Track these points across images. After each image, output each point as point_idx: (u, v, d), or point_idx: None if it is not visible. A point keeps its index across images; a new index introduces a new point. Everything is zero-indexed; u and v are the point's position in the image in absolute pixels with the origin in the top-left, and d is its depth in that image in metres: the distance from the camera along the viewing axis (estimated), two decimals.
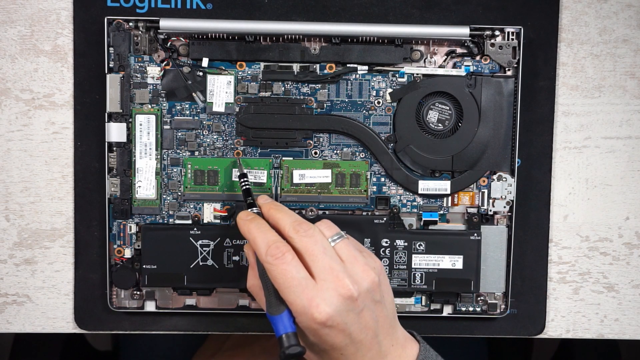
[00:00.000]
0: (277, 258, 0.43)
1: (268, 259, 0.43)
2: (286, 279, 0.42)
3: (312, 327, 0.42)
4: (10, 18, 0.54)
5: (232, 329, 0.56)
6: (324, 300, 0.42)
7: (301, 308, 0.42)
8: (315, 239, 0.44)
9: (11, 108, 0.54)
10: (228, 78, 0.53)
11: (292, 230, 0.44)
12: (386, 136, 0.54)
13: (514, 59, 0.53)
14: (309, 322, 0.42)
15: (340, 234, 0.45)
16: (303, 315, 0.42)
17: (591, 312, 0.57)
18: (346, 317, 0.42)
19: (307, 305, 0.42)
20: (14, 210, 0.55)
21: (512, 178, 0.54)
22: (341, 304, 0.42)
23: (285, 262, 0.43)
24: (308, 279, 0.42)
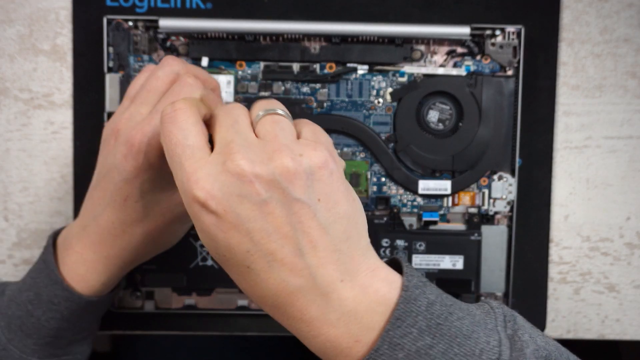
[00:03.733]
0: (165, 118, 0.34)
1: (162, 116, 0.34)
2: (170, 143, 0.33)
3: (194, 213, 0.33)
4: (9, 17, 0.54)
5: (232, 329, 0.56)
6: (206, 175, 0.32)
7: (180, 182, 0.33)
8: (230, 111, 0.35)
9: (10, 108, 0.54)
10: (228, 77, 0.53)
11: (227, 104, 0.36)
12: (386, 136, 0.54)
13: (514, 58, 0.53)
14: (189, 203, 0.33)
15: (275, 109, 0.35)
16: (183, 194, 0.33)
17: (592, 313, 0.57)
18: (236, 203, 0.32)
19: (185, 178, 0.32)
20: (13, 210, 0.55)
21: (513, 178, 0.54)
22: (226, 182, 0.32)
23: (173, 122, 0.34)
24: (199, 149, 0.33)
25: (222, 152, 0.32)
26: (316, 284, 0.32)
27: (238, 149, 0.32)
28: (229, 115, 0.35)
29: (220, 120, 0.34)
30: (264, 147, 0.33)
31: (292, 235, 0.32)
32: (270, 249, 0.32)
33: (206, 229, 0.32)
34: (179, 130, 0.33)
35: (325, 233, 0.32)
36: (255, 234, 0.32)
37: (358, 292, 0.33)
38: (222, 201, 0.31)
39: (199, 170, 0.32)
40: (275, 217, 0.32)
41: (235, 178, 0.31)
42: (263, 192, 0.32)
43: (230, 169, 0.32)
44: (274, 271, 0.32)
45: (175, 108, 0.34)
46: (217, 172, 0.32)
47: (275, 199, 0.32)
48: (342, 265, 0.33)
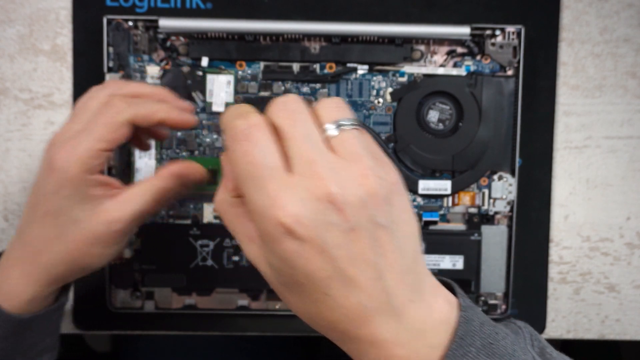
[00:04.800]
0: (239, 135, 0.31)
1: (229, 138, 0.32)
2: (247, 164, 0.31)
3: (275, 238, 0.30)
4: (9, 17, 0.54)
5: (232, 329, 0.56)
6: (293, 199, 0.30)
7: (261, 206, 0.30)
8: (294, 116, 0.32)
9: (10, 108, 0.54)
10: (228, 77, 0.53)
11: (272, 105, 0.33)
12: (386, 136, 0.54)
13: (514, 58, 0.53)
14: (270, 228, 0.30)
15: (348, 121, 0.32)
16: (263, 217, 0.30)
17: (592, 313, 0.57)
18: (324, 230, 0.30)
19: (268, 203, 0.30)
20: (13, 210, 0.55)
21: (513, 178, 0.54)
22: (316, 208, 0.30)
23: (249, 140, 0.31)
24: (280, 169, 0.31)
25: (307, 175, 0.31)
26: (391, 305, 0.31)
27: (325, 172, 0.30)
28: (296, 126, 0.32)
29: (288, 132, 0.32)
30: (350, 170, 0.31)
31: (373, 259, 0.31)
32: (351, 274, 0.31)
33: (287, 255, 0.31)
34: (258, 150, 0.31)
35: (401, 255, 0.32)
36: (339, 261, 0.30)
37: (425, 311, 0.32)
38: (310, 228, 0.30)
39: (283, 194, 0.30)
40: (360, 243, 0.31)
41: (325, 205, 0.30)
42: (352, 219, 0.30)
43: (320, 196, 0.30)
44: (352, 296, 0.31)
45: (250, 124, 0.31)
46: (305, 198, 0.30)
47: (363, 226, 0.31)
48: (412, 284, 0.32)
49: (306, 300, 0.32)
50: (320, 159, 0.31)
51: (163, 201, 0.41)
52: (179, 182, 0.41)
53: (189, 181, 0.42)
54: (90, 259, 0.40)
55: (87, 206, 0.38)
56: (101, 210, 0.38)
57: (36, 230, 0.40)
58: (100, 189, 0.38)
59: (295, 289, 0.32)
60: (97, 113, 0.40)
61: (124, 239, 0.41)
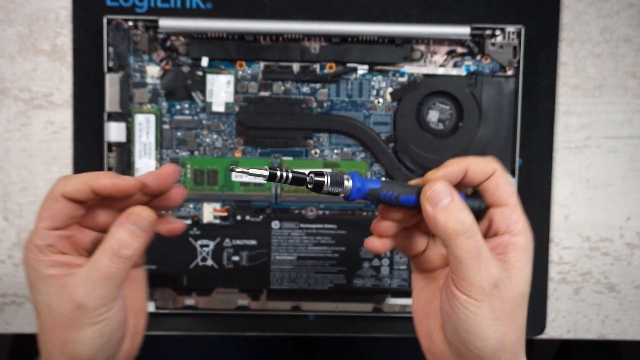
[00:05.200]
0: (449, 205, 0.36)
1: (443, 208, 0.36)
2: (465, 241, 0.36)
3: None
4: (9, 17, 0.54)
5: (231, 329, 0.56)
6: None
7: (481, 280, 0.36)
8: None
9: (10, 108, 0.54)
10: (228, 77, 0.53)
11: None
12: (386, 136, 0.54)
13: (514, 58, 0.53)
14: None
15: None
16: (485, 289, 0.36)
17: (592, 313, 0.57)
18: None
19: (487, 281, 0.36)
20: (13, 210, 0.55)
21: (513, 178, 0.54)
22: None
23: (453, 212, 0.36)
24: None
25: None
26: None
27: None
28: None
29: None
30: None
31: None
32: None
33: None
34: (464, 227, 0.35)
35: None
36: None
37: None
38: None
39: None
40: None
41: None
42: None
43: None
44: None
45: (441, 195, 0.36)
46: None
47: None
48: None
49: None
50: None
51: (126, 258, 0.37)
52: (134, 229, 0.38)
53: (144, 224, 0.38)
54: (72, 346, 0.37)
55: (52, 288, 0.37)
56: (63, 289, 0.36)
57: (38, 328, 0.39)
58: (59, 269, 0.37)
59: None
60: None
61: (100, 316, 0.37)
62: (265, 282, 0.54)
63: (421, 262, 0.41)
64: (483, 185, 0.38)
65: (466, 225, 0.35)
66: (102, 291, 0.36)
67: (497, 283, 0.35)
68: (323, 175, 0.36)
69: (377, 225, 0.39)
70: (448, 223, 0.35)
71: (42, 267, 0.36)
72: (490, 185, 0.38)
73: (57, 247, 0.37)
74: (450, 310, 0.36)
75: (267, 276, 0.54)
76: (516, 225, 0.38)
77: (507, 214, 0.38)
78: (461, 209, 0.35)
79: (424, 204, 0.36)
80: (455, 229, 0.35)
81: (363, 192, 0.36)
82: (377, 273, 0.54)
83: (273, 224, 0.54)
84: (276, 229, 0.54)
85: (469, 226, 0.35)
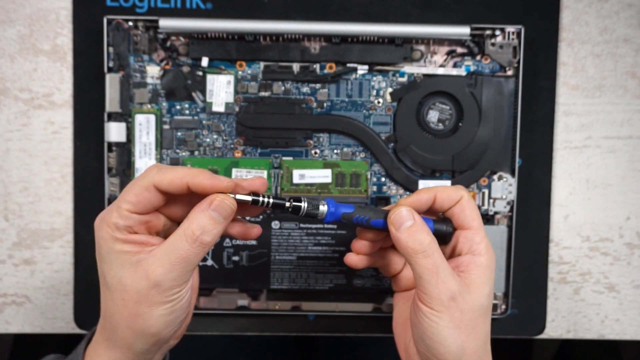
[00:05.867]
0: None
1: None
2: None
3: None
4: (9, 17, 0.54)
5: (232, 329, 0.56)
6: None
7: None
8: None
9: (10, 108, 0.54)
10: (228, 78, 0.53)
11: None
12: (386, 136, 0.54)
13: (514, 58, 0.53)
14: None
15: None
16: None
17: (592, 313, 0.57)
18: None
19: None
20: (13, 210, 0.55)
21: (513, 178, 0.54)
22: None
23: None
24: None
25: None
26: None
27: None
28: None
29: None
30: None
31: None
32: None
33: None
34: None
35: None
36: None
37: None
38: None
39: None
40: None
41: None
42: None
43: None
44: None
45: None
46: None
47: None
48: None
49: None
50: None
51: (206, 244, 0.39)
52: (216, 215, 0.39)
53: (225, 211, 0.39)
54: (142, 320, 0.39)
55: (127, 264, 0.38)
56: (139, 266, 0.38)
57: (103, 300, 0.40)
58: (134, 246, 0.38)
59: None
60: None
61: (173, 295, 0.39)
62: (265, 282, 0.54)
63: (399, 281, 0.46)
64: (450, 211, 0.42)
65: (424, 245, 0.39)
66: (178, 273, 0.38)
67: (455, 296, 0.39)
68: (301, 201, 0.41)
69: (355, 243, 0.44)
70: (408, 242, 0.39)
71: (118, 244, 0.38)
72: (456, 210, 0.42)
73: (134, 228, 0.39)
74: (416, 321, 0.40)
75: (267, 276, 0.54)
76: (479, 246, 0.42)
77: (471, 236, 0.42)
78: (421, 231, 0.40)
79: (389, 225, 0.41)
80: (414, 248, 0.39)
81: (337, 216, 0.41)
82: (377, 273, 0.54)
83: (273, 224, 0.54)
84: (276, 229, 0.54)
85: (427, 245, 0.39)
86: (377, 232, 0.43)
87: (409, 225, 0.40)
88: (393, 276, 0.46)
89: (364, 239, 0.44)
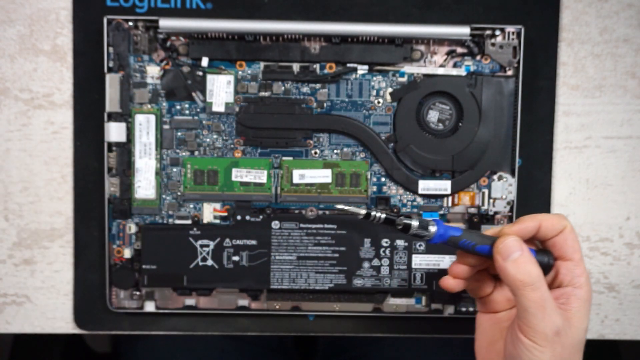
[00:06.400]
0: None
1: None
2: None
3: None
4: (9, 17, 0.54)
5: (231, 329, 0.56)
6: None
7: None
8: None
9: (10, 108, 0.54)
10: (228, 78, 0.53)
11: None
12: (386, 136, 0.54)
13: (514, 58, 0.53)
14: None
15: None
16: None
17: (592, 313, 0.57)
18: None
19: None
20: (13, 210, 0.55)
21: (513, 178, 0.54)
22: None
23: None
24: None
25: None
26: None
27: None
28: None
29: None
30: None
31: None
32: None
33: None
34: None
35: None
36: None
37: None
38: None
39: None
40: None
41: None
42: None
43: None
44: None
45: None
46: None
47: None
48: None
49: None
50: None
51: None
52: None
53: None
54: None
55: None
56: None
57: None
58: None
59: None
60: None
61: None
62: (265, 282, 0.54)
63: (487, 304, 0.46)
64: (552, 240, 0.42)
65: (533, 278, 0.39)
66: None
67: (559, 331, 0.39)
68: (411, 219, 0.42)
69: (454, 267, 0.44)
70: (517, 275, 0.39)
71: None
72: (559, 240, 0.42)
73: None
74: (515, 353, 0.40)
75: (267, 276, 0.54)
76: (579, 278, 0.41)
77: (572, 268, 0.42)
78: (530, 262, 0.39)
79: (495, 255, 0.40)
80: (523, 280, 0.39)
81: (444, 238, 0.42)
82: (377, 273, 0.54)
83: (273, 224, 0.54)
84: (276, 229, 0.54)
85: (536, 278, 0.39)
86: (479, 258, 0.43)
87: (517, 256, 0.40)
88: (481, 297, 0.46)
89: (464, 264, 0.44)
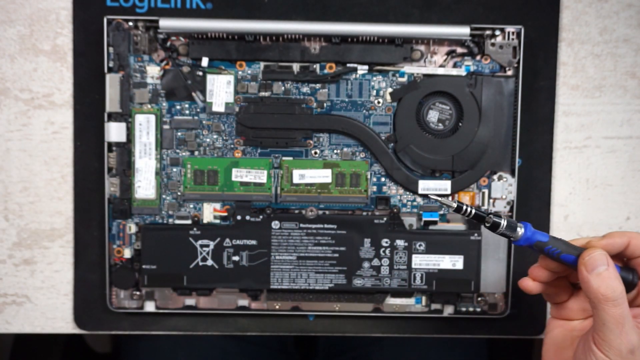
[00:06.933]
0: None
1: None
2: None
3: None
4: (9, 17, 0.54)
5: (232, 329, 0.56)
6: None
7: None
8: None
9: (10, 108, 0.54)
10: (228, 78, 0.53)
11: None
12: (386, 136, 0.54)
13: (514, 58, 0.53)
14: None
15: None
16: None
17: None
18: None
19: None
20: (13, 210, 0.55)
21: (513, 178, 0.54)
22: None
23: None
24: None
25: None
26: None
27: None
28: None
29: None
30: None
31: None
32: None
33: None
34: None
35: None
36: None
37: None
38: None
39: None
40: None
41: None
42: None
43: None
44: None
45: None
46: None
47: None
48: None
49: None
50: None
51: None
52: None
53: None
54: None
55: None
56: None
57: None
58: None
59: None
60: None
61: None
62: (265, 282, 0.54)
63: (561, 310, 0.46)
64: (638, 259, 0.42)
65: (616, 294, 0.39)
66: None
67: (635, 350, 0.39)
68: (501, 218, 0.42)
69: (535, 270, 0.45)
70: (600, 288, 0.39)
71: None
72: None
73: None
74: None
75: (267, 276, 0.54)
76: None
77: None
78: (614, 278, 0.40)
79: (580, 266, 0.41)
80: (605, 295, 0.39)
81: (531, 242, 0.42)
82: (377, 273, 0.54)
83: (273, 224, 0.54)
84: (276, 229, 0.54)
85: (619, 294, 0.39)
86: (562, 266, 0.43)
87: (602, 270, 0.40)
88: (556, 303, 0.46)
89: (545, 268, 0.44)
